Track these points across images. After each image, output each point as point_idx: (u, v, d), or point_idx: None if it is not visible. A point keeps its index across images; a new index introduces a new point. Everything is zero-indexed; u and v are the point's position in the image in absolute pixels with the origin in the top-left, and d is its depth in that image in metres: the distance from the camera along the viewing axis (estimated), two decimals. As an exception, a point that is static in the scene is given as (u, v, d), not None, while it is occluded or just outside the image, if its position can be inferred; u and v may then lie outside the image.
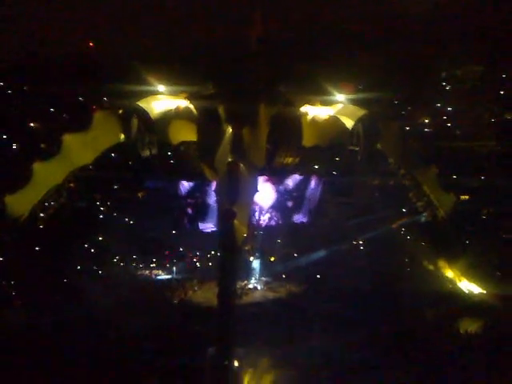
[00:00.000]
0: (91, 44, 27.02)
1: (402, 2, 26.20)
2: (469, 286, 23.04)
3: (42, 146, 24.09)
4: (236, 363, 15.88)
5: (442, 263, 24.03)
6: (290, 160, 18.58)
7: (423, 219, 23.22)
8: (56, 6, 24.24)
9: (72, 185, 18.07)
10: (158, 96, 18.50)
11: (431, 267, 24.18)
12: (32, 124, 26.19)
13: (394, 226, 26.19)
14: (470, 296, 22.69)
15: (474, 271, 23.20)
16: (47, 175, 17.03)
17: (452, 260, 23.74)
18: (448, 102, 29.24)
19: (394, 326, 19.13)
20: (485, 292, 22.70)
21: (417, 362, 17.07)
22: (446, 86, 29.69)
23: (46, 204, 17.27)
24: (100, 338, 17.68)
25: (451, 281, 23.44)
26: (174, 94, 18.59)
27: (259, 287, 23.89)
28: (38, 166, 16.66)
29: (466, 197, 26.73)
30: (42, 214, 17.28)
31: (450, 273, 23.64)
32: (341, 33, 26.81)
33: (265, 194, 21.79)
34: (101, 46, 26.69)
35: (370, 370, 16.53)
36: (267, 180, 21.36)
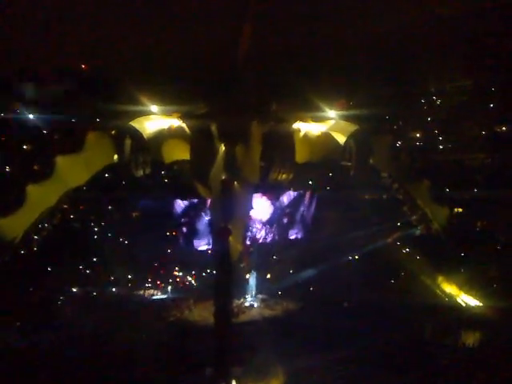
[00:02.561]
0: (83, 66, 27.12)
1: (391, 18, 26.54)
2: (466, 299, 23.03)
3: (35, 168, 24.06)
4: (234, 383, 15.75)
5: (438, 276, 24.04)
6: (283, 176, 18.57)
7: (418, 233, 23.27)
8: (45, 28, 24.35)
9: (66, 206, 17.95)
10: (151, 116, 18.49)
11: (427, 281, 24.17)
12: (24, 146, 26.16)
13: (389, 240, 26.25)
14: (467, 309, 22.67)
15: (470, 284, 23.21)
16: (41, 197, 16.85)
17: (448, 273, 23.75)
18: (438, 117, 29.51)
19: (391, 341, 19.08)
20: (482, 305, 22.70)
21: (414, 375, 17.03)
22: (435, 100, 29.97)
23: (40, 226, 17.10)
24: (94, 358, 17.55)
25: (448, 294, 23.43)
26: (167, 113, 18.59)
27: (256, 305, 23.77)
28: (31, 189, 16.48)
29: (460, 210, 26.82)
30: (35, 237, 17.10)
31: (446, 286, 23.64)
32: (331, 49, 27.08)
33: (260, 210, 21.84)
34: (93, 67, 26.80)
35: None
36: (262, 196, 21.45)
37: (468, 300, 22.95)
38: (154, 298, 24.68)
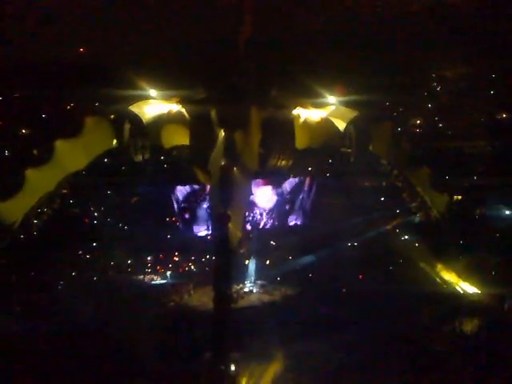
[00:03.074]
0: (82, 49, 26.97)
1: (392, 5, 26.36)
2: (464, 286, 23.09)
3: (34, 152, 24.01)
4: (233, 367, 15.85)
5: (436, 264, 24.09)
6: (283, 162, 18.53)
7: (417, 220, 23.29)
8: (45, 12, 24.20)
9: (65, 191, 17.93)
10: (150, 101, 18.41)
11: (426, 268, 24.23)
12: (23, 131, 26.11)
13: (388, 227, 26.26)
14: (466, 296, 22.74)
15: (469, 271, 23.26)
16: (40, 182, 16.85)
17: (447, 260, 23.79)
18: (438, 103, 29.39)
19: (390, 327, 19.16)
20: (480, 292, 22.77)
21: (412, 362, 17.12)
22: (436, 86, 29.84)
23: (39, 211, 17.11)
24: (94, 344, 17.62)
25: (446, 281, 23.48)
26: (166, 98, 18.51)
27: (255, 290, 23.84)
28: (30, 173, 16.48)
29: (459, 197, 26.82)
30: (35, 221, 17.12)
31: (445, 273, 23.69)
32: (331, 35, 26.91)
33: (260, 196, 21.79)
34: (91, 51, 26.65)
35: (366, 372, 16.58)
36: (262, 183, 21.38)
37: (466, 287, 23.01)
38: (154, 283, 24.75)
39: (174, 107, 18.10)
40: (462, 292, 22.98)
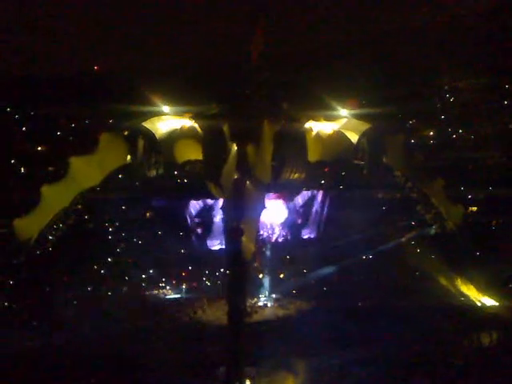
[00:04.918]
0: (96, 67, 27.44)
1: (403, 16, 26.48)
2: (481, 299, 22.79)
3: (50, 169, 24.35)
4: (247, 382, 15.76)
5: (453, 276, 23.83)
6: (296, 176, 18.58)
7: (432, 232, 23.10)
8: (61, 31, 24.68)
9: (80, 207, 18.17)
10: (163, 116, 18.64)
11: (442, 280, 23.97)
12: (39, 148, 26.52)
13: (403, 239, 26.06)
14: (483, 309, 22.44)
15: (485, 283, 22.96)
16: (55, 198, 17.14)
17: (463, 272, 23.52)
18: (451, 114, 29.31)
19: (406, 342, 18.93)
20: (498, 304, 22.46)
21: (431, 376, 16.89)
22: (449, 98, 29.76)
23: (55, 226, 17.35)
24: (107, 358, 17.61)
25: (463, 294, 23.20)
26: (179, 114, 18.72)
27: (269, 304, 23.72)
28: (45, 189, 16.78)
29: (474, 208, 26.59)
30: (50, 237, 17.35)
31: (461, 285, 23.41)
32: (343, 48, 27.06)
33: (273, 210, 21.80)
34: (106, 68, 27.09)
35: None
36: (275, 196, 21.39)
37: (484, 300, 22.70)
38: (168, 297, 24.77)
39: (187, 122, 18.30)
40: (479, 305, 22.67)
